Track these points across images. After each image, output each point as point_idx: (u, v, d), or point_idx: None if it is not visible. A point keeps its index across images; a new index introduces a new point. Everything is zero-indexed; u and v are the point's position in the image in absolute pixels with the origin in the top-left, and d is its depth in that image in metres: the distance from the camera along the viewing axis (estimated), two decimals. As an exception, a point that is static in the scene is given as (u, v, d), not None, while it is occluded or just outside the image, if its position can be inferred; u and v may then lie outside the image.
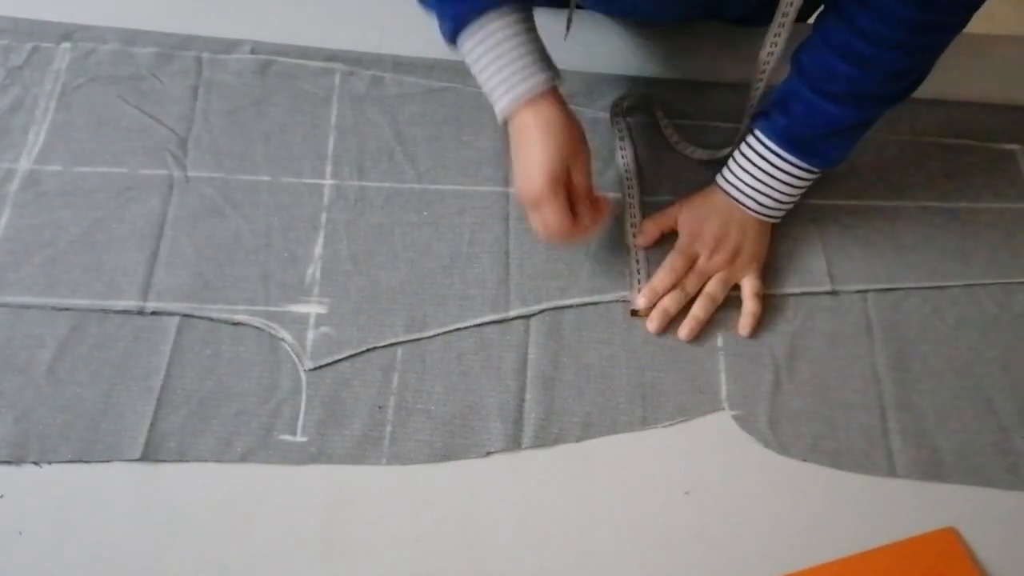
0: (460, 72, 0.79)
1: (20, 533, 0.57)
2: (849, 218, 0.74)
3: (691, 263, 0.69)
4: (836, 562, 0.59)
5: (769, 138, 0.66)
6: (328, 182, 0.72)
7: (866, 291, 0.70)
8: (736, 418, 0.64)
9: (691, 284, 0.68)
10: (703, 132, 0.78)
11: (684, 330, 0.67)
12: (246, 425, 0.61)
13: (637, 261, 0.70)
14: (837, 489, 0.62)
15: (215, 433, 0.61)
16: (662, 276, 0.68)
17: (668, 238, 0.71)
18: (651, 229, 0.71)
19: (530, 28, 0.62)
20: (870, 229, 0.73)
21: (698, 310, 0.68)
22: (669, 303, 0.68)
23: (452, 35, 0.62)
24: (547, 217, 0.61)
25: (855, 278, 0.71)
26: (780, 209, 0.69)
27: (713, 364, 0.67)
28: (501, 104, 0.62)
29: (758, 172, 0.67)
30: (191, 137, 0.73)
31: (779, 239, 0.72)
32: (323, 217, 0.70)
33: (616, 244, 0.71)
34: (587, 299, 0.68)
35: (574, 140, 0.62)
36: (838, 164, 0.67)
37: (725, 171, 0.70)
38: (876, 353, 0.67)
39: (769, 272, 0.70)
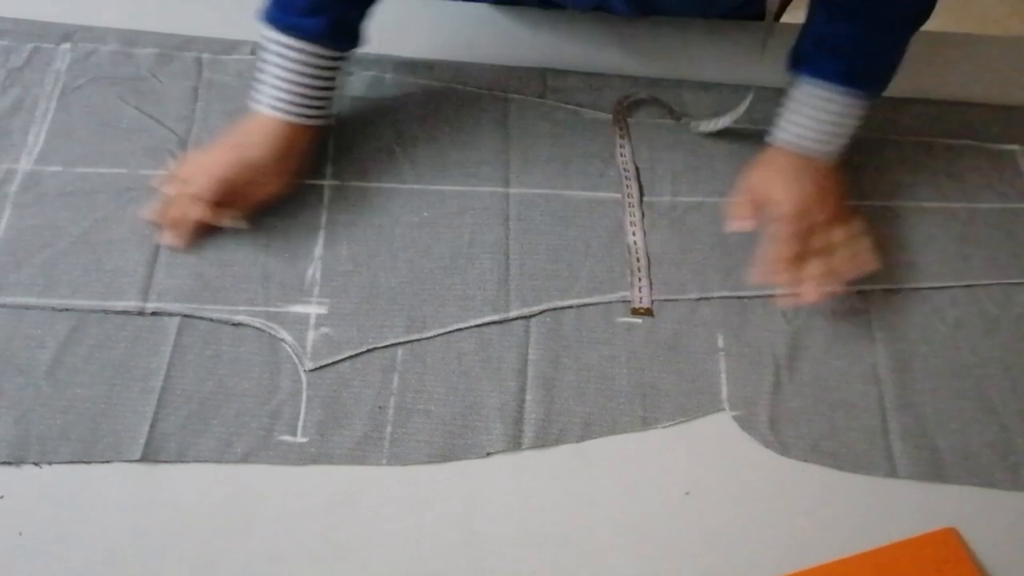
0: (460, 72, 0.79)
1: (20, 533, 0.57)
2: (850, 218, 0.74)
3: (802, 230, 0.67)
4: (836, 562, 0.59)
5: (828, 80, 0.67)
6: (328, 183, 0.72)
7: (867, 292, 0.70)
8: (736, 419, 0.64)
9: (819, 246, 0.68)
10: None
11: (825, 292, 0.66)
12: (246, 426, 0.61)
13: (638, 259, 0.70)
14: (837, 489, 0.62)
15: (215, 434, 0.61)
16: (781, 251, 0.67)
17: (674, 234, 0.71)
18: (746, 210, 0.70)
19: (332, 67, 0.68)
20: (870, 229, 0.73)
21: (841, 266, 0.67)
22: (816, 272, 0.67)
23: (273, 22, 0.66)
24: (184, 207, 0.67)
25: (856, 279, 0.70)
26: (845, 146, 0.70)
27: (713, 364, 0.66)
28: (263, 101, 0.67)
29: (825, 117, 0.68)
30: (191, 138, 0.73)
31: (779, 239, 0.72)
32: (323, 218, 0.70)
33: (616, 244, 0.71)
34: (587, 299, 0.68)
35: (276, 171, 0.68)
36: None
37: (788, 130, 0.69)
38: (877, 354, 0.67)
39: (769, 272, 0.70)
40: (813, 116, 0.68)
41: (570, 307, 0.68)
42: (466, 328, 0.66)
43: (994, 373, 0.67)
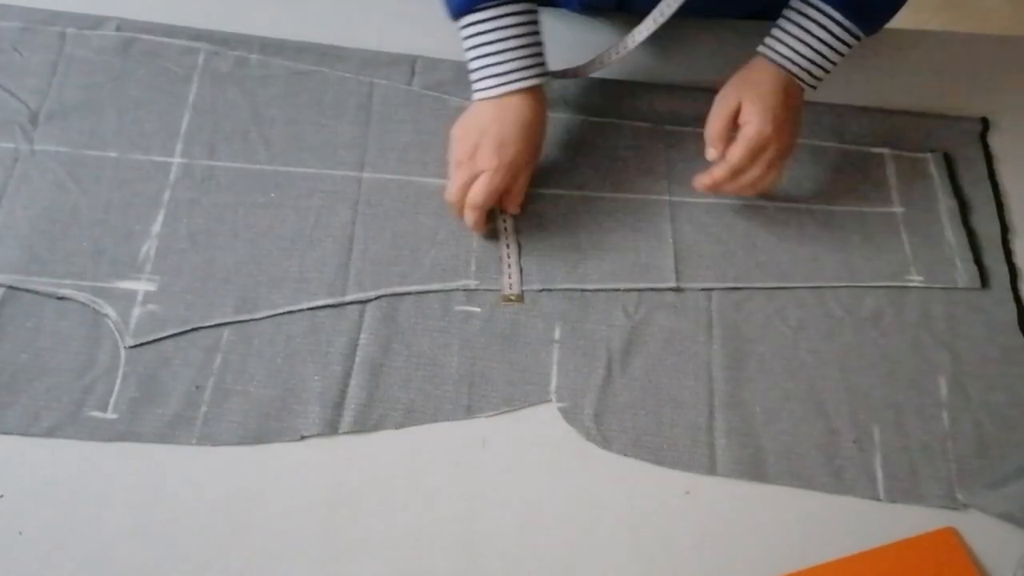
0: (328, 56, 0.79)
1: (20, 533, 0.56)
2: (706, 216, 0.73)
3: (755, 151, 0.68)
4: (836, 562, 0.59)
5: (832, 5, 0.67)
6: (176, 160, 0.71)
7: (711, 289, 0.69)
8: (562, 410, 0.63)
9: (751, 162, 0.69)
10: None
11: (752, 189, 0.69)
12: (57, 400, 0.60)
13: (508, 246, 0.70)
14: (837, 489, 0.62)
15: (24, 407, 0.60)
16: (741, 160, 0.68)
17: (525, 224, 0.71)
18: (719, 131, 0.69)
19: (533, 23, 0.66)
20: (724, 228, 0.73)
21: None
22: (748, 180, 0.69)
23: (461, 10, 0.65)
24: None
25: (702, 276, 0.70)
26: (821, 78, 0.70)
27: (547, 356, 0.66)
28: (487, 84, 0.65)
29: (816, 43, 0.68)
30: (43, 111, 0.72)
31: (630, 234, 0.71)
32: (166, 195, 0.69)
33: (464, 233, 0.70)
34: (427, 287, 0.68)
35: (535, 147, 0.68)
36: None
37: (778, 48, 0.69)
38: (713, 351, 0.67)
39: (615, 267, 0.70)
40: (806, 39, 0.68)
41: (408, 293, 0.67)
42: (298, 311, 0.66)
43: (830, 375, 0.66)
